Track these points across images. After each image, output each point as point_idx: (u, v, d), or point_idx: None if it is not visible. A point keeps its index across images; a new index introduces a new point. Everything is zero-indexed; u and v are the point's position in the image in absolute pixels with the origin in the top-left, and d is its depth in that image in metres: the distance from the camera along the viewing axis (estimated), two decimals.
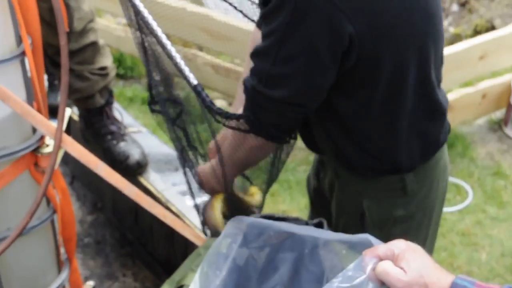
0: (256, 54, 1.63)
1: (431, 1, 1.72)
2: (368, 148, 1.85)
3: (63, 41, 1.72)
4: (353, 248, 1.41)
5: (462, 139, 4.42)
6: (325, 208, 2.17)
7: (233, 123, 1.73)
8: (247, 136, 1.74)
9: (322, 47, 1.51)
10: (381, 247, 1.28)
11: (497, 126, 4.61)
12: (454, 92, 4.44)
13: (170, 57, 1.77)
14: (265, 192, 2.14)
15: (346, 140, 1.84)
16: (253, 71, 1.64)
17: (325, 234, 1.50)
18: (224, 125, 1.75)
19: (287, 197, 3.94)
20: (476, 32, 6.68)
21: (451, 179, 4.04)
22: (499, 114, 4.63)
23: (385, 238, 1.88)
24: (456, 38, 6.92)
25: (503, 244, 3.55)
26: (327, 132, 1.84)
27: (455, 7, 8.16)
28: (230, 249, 1.51)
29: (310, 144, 2.04)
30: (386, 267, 1.22)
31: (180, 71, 1.75)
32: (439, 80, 1.85)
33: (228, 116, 1.70)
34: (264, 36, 1.60)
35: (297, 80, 1.58)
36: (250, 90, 1.66)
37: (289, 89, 1.59)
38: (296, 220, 1.61)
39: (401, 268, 1.21)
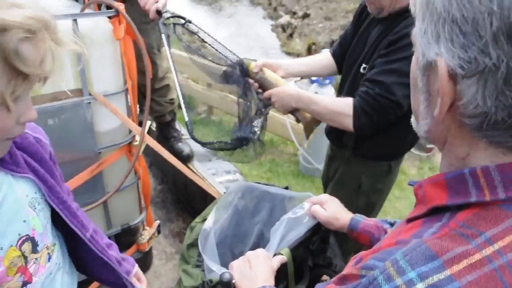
0: (384, 73, 1.52)
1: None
2: (384, 145, 1.73)
3: (148, 82, 1.80)
4: (302, 200, 1.43)
5: None
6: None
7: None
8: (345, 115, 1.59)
9: None
10: (314, 197, 1.38)
11: None
12: None
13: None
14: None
15: (375, 140, 1.71)
16: (378, 83, 1.52)
17: (288, 192, 1.55)
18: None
19: (277, 180, 4.02)
20: None
21: None
22: None
23: (367, 202, 1.89)
24: None
25: (402, 212, 3.59)
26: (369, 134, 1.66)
27: None
28: (234, 199, 1.56)
29: (337, 140, 1.87)
30: (316, 207, 1.32)
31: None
32: None
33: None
34: (391, 62, 1.50)
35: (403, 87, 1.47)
36: (372, 95, 1.53)
37: (403, 93, 1.48)
38: (272, 185, 1.62)
39: (324, 209, 1.31)
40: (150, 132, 2.76)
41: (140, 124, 1.93)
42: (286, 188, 1.64)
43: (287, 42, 10.19)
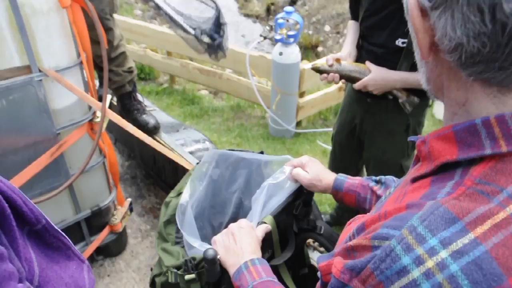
0: None
1: None
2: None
3: (104, 52, 1.69)
4: (281, 165, 1.37)
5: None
6: (356, 147, 2.23)
7: None
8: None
9: None
10: (295, 160, 1.31)
11: None
12: None
13: None
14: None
15: None
16: None
17: (264, 157, 1.49)
18: None
19: (247, 145, 3.96)
20: None
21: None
22: None
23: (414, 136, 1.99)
24: None
25: None
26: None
27: (346, 31, 8.13)
28: (208, 169, 1.49)
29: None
30: (298, 170, 1.26)
31: None
32: None
33: None
34: None
35: None
36: None
37: None
38: (247, 151, 1.55)
39: (306, 171, 1.26)
40: (111, 106, 2.62)
41: (100, 99, 1.80)
42: (261, 152, 1.58)
43: (245, 4, 9.94)
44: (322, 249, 1.84)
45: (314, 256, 1.81)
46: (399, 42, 1.80)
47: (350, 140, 2.27)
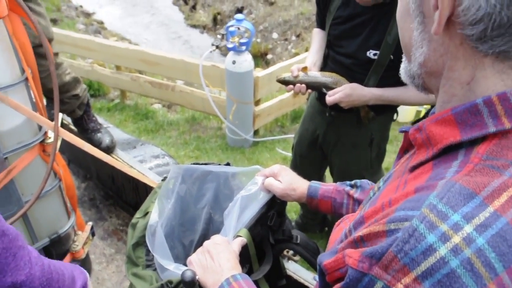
0: None
1: None
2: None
3: (52, 67, 1.56)
4: (249, 176, 1.35)
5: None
6: (318, 157, 2.21)
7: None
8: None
9: None
10: (266, 170, 1.27)
11: None
12: None
13: None
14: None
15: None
16: None
17: (232, 169, 1.44)
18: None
19: (206, 157, 3.89)
20: (307, 51, 6.93)
21: None
22: None
23: (379, 151, 2.09)
24: (295, 55, 7.04)
25: None
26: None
27: (294, 37, 8.26)
28: (174, 186, 1.44)
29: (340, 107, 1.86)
30: (270, 180, 1.22)
31: None
32: None
33: None
34: None
35: None
36: None
37: None
38: (213, 163, 1.51)
39: (279, 181, 1.22)
40: (62, 125, 2.49)
41: (51, 118, 1.67)
42: (228, 164, 1.53)
43: (191, 15, 9.88)
44: (296, 258, 1.81)
45: (290, 267, 1.77)
46: (371, 53, 1.75)
47: (311, 151, 2.22)
